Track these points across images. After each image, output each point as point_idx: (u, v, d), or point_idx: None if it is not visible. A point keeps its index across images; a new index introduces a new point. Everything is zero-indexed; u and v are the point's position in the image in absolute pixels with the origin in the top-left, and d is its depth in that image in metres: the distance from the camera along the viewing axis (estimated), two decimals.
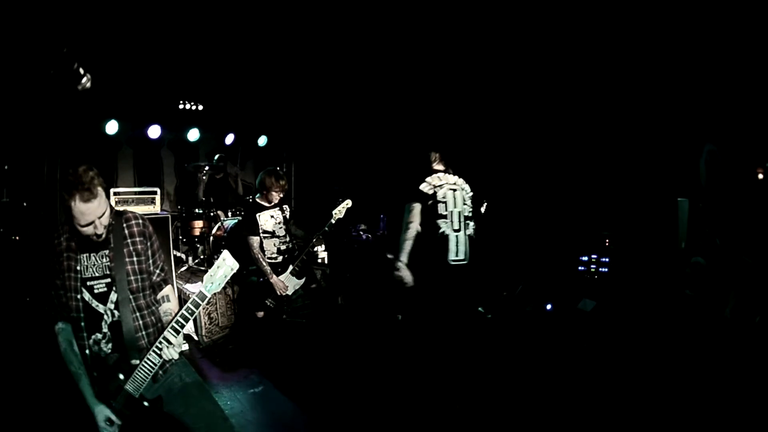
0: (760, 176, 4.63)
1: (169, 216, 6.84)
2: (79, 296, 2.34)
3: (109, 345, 2.38)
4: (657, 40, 5.11)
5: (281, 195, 4.91)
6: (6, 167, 5.80)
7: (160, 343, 2.23)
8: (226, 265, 2.21)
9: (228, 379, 4.45)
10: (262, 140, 8.53)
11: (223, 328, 5.58)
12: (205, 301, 2.23)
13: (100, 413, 2.23)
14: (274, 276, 4.73)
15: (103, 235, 2.36)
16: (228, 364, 4.83)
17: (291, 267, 4.83)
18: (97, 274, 2.38)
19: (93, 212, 2.25)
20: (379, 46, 6.26)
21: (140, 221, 2.54)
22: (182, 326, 2.23)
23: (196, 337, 5.40)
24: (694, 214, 4.98)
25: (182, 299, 5.54)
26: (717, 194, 4.56)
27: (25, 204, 5.70)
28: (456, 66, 6.56)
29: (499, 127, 6.84)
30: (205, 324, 5.40)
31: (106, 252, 2.40)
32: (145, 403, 2.31)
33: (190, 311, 2.22)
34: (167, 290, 2.64)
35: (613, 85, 5.69)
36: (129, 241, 2.46)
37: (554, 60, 5.90)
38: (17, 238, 5.37)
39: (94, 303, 2.37)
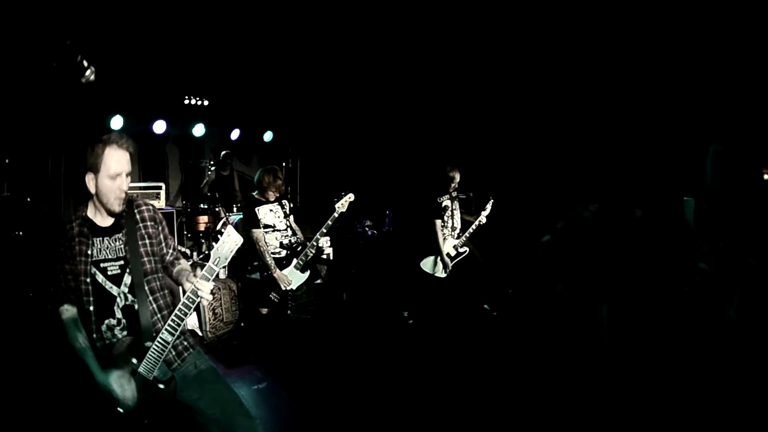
0: (767, 177, 4.61)
1: (174, 211, 6.87)
2: (89, 279, 2.33)
3: (124, 332, 2.38)
4: (663, 39, 5.07)
5: (277, 195, 4.96)
6: (6, 161, 5.77)
7: (172, 321, 2.22)
8: (231, 240, 2.18)
9: (232, 375, 4.43)
10: (268, 136, 8.49)
11: (227, 324, 5.57)
12: (213, 276, 2.19)
13: (110, 380, 2.23)
14: (278, 270, 4.73)
15: (121, 208, 2.38)
16: (232, 360, 4.82)
17: (295, 261, 4.82)
18: (110, 257, 2.39)
19: (125, 163, 2.34)
20: (384, 43, 6.23)
21: (150, 206, 2.59)
22: (192, 302, 2.20)
23: (200, 333, 5.39)
24: (699, 214, 4.96)
25: None
26: (722, 194, 4.54)
27: (28, 199, 5.69)
28: (462, 64, 6.53)
29: (505, 126, 6.81)
30: (210, 320, 5.39)
31: (119, 236, 2.42)
32: (160, 385, 2.30)
33: (198, 288, 2.19)
34: (181, 262, 2.65)
35: (618, 84, 5.65)
36: (141, 225, 2.49)
37: (562, 60, 5.87)
38: (20, 233, 5.36)
39: (108, 285, 2.37)
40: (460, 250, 5.61)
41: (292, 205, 5.26)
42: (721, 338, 4.31)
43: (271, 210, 4.92)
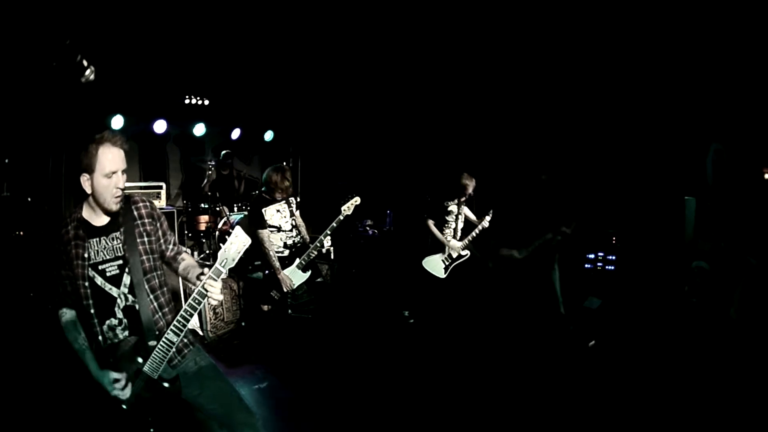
0: (767, 176, 4.61)
1: (175, 211, 6.87)
2: (87, 283, 2.29)
3: (126, 332, 2.36)
4: (665, 39, 5.07)
5: (284, 196, 4.87)
6: (6, 161, 5.76)
7: (178, 322, 2.21)
8: (238, 240, 2.15)
9: (233, 375, 4.42)
10: (269, 135, 8.49)
11: (228, 324, 5.56)
12: (220, 277, 2.16)
13: (106, 377, 2.20)
14: (282, 272, 4.71)
15: (118, 207, 2.34)
16: (233, 359, 4.81)
17: (297, 261, 4.81)
18: (108, 257, 2.35)
19: (120, 161, 2.28)
20: (385, 43, 6.23)
21: (147, 203, 2.53)
22: (198, 303, 2.18)
23: (201, 333, 5.38)
24: (700, 213, 4.96)
25: (189, 296, 5.56)
26: (723, 194, 4.54)
27: (29, 199, 5.68)
28: (462, 64, 6.52)
29: (509, 126, 6.81)
30: (210, 319, 5.39)
31: (117, 234, 2.38)
32: (165, 384, 2.30)
33: (205, 289, 2.17)
34: (184, 255, 2.62)
35: (620, 83, 5.65)
36: (139, 222, 2.44)
37: (563, 59, 5.86)
38: (20, 233, 5.36)
39: (107, 287, 2.33)
40: (462, 252, 5.60)
41: (299, 200, 5.20)
42: (721, 337, 4.32)
43: (278, 210, 4.85)
